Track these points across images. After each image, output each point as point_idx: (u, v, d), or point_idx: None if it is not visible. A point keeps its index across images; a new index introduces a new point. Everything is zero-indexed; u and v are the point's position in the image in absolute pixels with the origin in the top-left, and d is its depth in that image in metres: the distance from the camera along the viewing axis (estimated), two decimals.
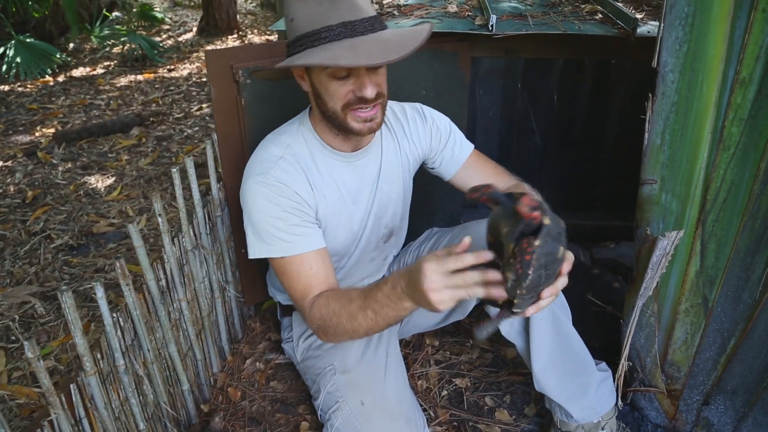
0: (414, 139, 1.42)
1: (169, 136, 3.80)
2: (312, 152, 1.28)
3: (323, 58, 1.04)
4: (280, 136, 1.30)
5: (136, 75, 5.28)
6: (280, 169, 1.23)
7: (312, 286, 1.20)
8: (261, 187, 1.20)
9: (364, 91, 1.11)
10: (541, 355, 1.34)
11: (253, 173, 1.23)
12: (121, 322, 1.17)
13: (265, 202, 1.20)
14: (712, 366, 1.30)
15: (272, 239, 1.20)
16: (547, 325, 1.32)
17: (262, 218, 1.20)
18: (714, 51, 1.06)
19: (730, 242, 1.17)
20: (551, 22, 1.73)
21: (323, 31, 1.07)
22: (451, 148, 1.44)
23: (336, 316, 1.12)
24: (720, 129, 1.11)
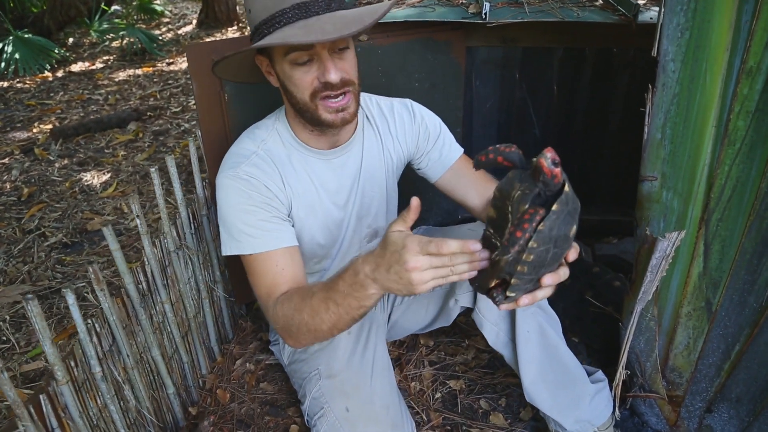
0: (399, 137, 1.36)
1: (166, 131, 3.76)
2: (287, 148, 1.23)
3: (273, 39, 1.00)
4: (256, 130, 1.25)
5: (135, 69, 5.23)
6: (252, 164, 1.18)
7: (277, 285, 1.13)
8: (231, 180, 1.16)
9: (328, 75, 1.06)
10: (531, 368, 1.29)
11: (224, 168, 1.19)
12: (97, 328, 1.12)
13: (234, 196, 1.15)
14: (716, 372, 1.24)
15: (240, 235, 1.15)
16: (535, 337, 1.28)
17: (231, 213, 1.15)
18: (718, 38, 0.99)
19: (735, 243, 1.10)
20: (548, 9, 1.66)
21: (277, 15, 1.04)
22: (439, 150, 1.38)
23: (298, 312, 1.04)
24: (725, 122, 1.04)
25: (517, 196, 0.76)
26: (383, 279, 0.89)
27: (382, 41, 1.69)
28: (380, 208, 1.39)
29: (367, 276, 0.91)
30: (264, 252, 1.14)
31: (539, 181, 0.74)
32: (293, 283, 1.14)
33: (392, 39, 1.71)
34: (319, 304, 1.00)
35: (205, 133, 1.55)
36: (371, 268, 0.91)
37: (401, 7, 1.75)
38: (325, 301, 1.00)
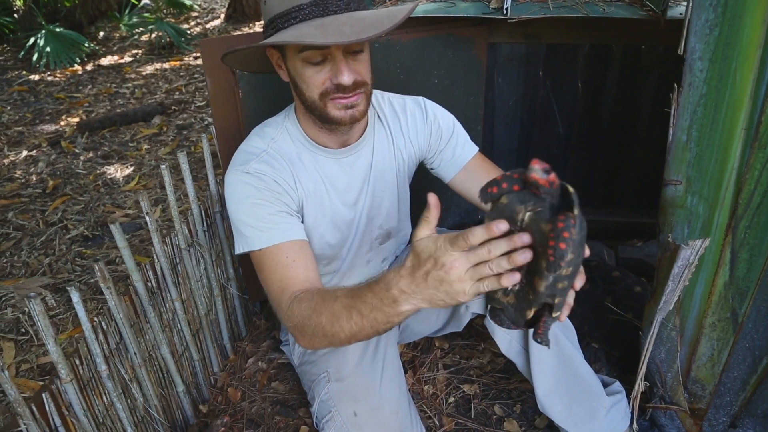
0: (411, 136, 1.32)
1: (189, 125, 3.79)
2: (297, 147, 1.21)
3: (287, 36, 0.97)
4: (265, 128, 1.23)
5: (162, 63, 5.30)
6: (262, 161, 1.16)
7: (290, 279, 1.08)
8: (239, 176, 1.14)
9: (341, 77, 1.03)
10: (545, 380, 1.25)
11: (233, 165, 1.17)
12: (103, 326, 1.12)
13: (243, 190, 1.13)
14: (741, 386, 1.18)
15: (248, 229, 1.12)
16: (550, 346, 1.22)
17: (239, 209, 1.13)
18: (750, 35, 0.93)
19: (764, 251, 1.04)
20: (573, 5, 1.59)
21: (294, 10, 1.00)
22: (452, 149, 1.33)
23: (317, 314, 0.97)
24: (756, 125, 0.98)
25: (529, 217, 0.71)
26: (422, 291, 0.81)
27: (401, 37, 1.66)
28: (392, 208, 1.36)
29: (403, 291, 0.83)
30: (273, 245, 1.10)
31: (542, 194, 0.70)
32: (306, 278, 1.09)
33: (412, 35, 1.67)
34: (341, 311, 0.93)
35: (219, 129, 1.55)
36: (406, 282, 0.83)
37: (421, 2, 1.71)
38: (348, 309, 0.92)
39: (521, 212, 0.71)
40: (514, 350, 1.27)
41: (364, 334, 0.94)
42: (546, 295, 0.73)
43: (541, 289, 0.71)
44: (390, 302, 0.86)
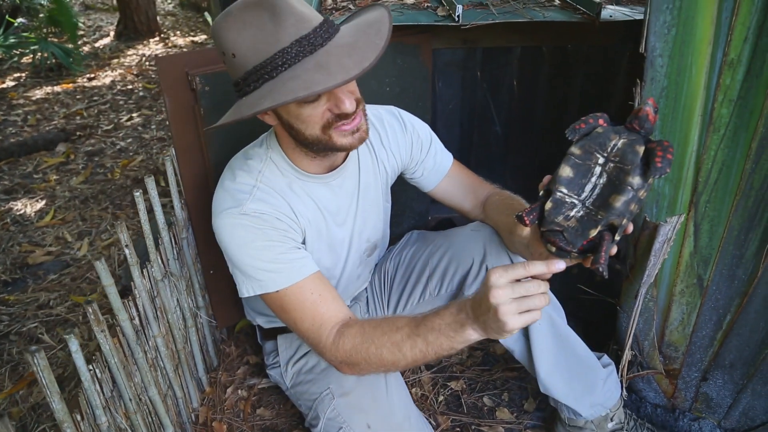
0: (393, 148, 1.34)
1: (100, 151, 3.53)
2: (286, 177, 1.17)
3: (295, 89, 0.90)
4: (248, 161, 1.16)
5: (52, 86, 4.87)
6: (257, 199, 1.10)
7: (323, 314, 1.08)
8: (236, 219, 1.08)
9: (343, 107, 0.99)
10: (545, 359, 1.32)
11: (224, 207, 1.10)
12: (98, 374, 1.03)
13: (244, 234, 1.08)
14: (709, 343, 1.32)
15: (260, 273, 1.08)
16: (546, 328, 1.31)
17: (244, 252, 1.08)
18: (702, 34, 1.06)
19: (723, 222, 1.18)
20: (514, 10, 1.70)
21: (277, 56, 0.93)
22: (433, 158, 1.37)
23: (375, 346, 1.01)
24: (710, 111, 1.11)
25: (623, 143, 0.85)
26: (481, 320, 0.90)
27: None
28: (377, 221, 1.37)
29: (469, 317, 0.91)
30: (293, 285, 1.08)
31: (640, 129, 0.85)
32: (337, 308, 1.09)
33: None
34: (405, 340, 0.98)
35: (179, 150, 1.47)
36: (472, 307, 0.91)
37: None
38: (412, 338, 0.97)
39: (615, 139, 0.85)
40: (512, 337, 1.33)
41: (425, 359, 1.01)
42: (618, 213, 0.82)
43: (618, 204, 0.81)
44: (458, 326, 0.94)
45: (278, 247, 1.09)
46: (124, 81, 5.00)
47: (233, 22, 0.94)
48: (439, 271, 1.39)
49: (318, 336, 1.08)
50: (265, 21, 0.93)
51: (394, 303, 1.49)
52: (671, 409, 1.46)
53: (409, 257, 1.51)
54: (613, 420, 1.33)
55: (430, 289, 1.41)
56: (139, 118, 4.07)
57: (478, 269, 1.33)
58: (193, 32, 6.95)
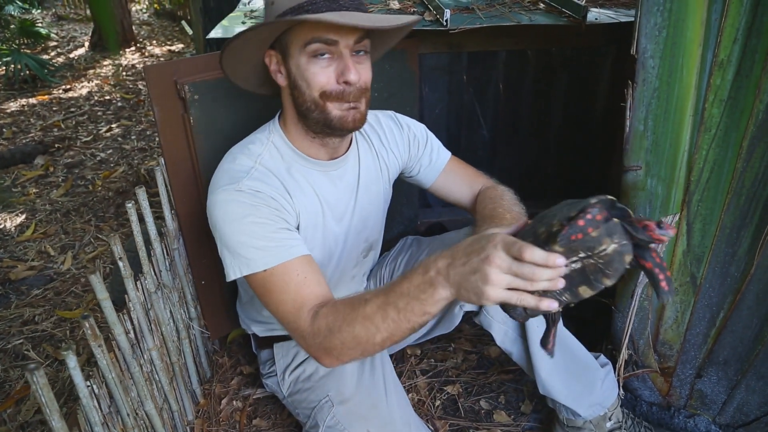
0: (392, 147, 1.34)
1: (80, 162, 3.46)
2: (285, 161, 1.16)
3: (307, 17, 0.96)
4: (249, 145, 1.16)
5: (27, 98, 4.77)
6: (253, 178, 1.09)
7: (305, 296, 1.02)
8: (230, 194, 1.06)
9: (348, 74, 1.01)
10: (544, 362, 1.32)
11: (219, 184, 1.09)
12: (96, 390, 1.00)
13: (238, 210, 1.05)
14: (703, 340, 1.34)
15: (249, 250, 1.03)
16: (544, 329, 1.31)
17: (235, 229, 1.04)
18: (692, 35, 1.08)
19: (715, 220, 1.20)
20: (501, 14, 1.72)
21: (305, 3, 0.99)
22: (429, 155, 1.38)
23: (347, 324, 0.93)
24: (701, 111, 1.13)
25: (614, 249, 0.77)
26: (457, 274, 0.81)
27: None
28: (376, 221, 1.36)
29: (439, 272, 0.83)
30: (280, 264, 1.03)
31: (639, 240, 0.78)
32: (321, 292, 1.04)
33: None
34: (375, 312, 0.90)
35: (169, 161, 1.44)
36: (445, 262, 0.83)
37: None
38: (383, 308, 0.90)
39: (606, 244, 0.77)
40: (510, 340, 1.34)
41: (400, 333, 0.91)
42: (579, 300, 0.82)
43: (585, 296, 0.81)
44: (427, 286, 0.85)
45: (270, 225, 1.06)
46: (102, 91, 4.93)
47: None
48: None
49: (297, 319, 1.02)
50: None
51: None
52: (666, 406, 1.47)
53: (404, 263, 1.51)
54: (611, 419, 1.34)
55: None
56: (118, 129, 4.01)
57: None
58: (170, 41, 6.88)
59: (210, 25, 2.81)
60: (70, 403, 1.69)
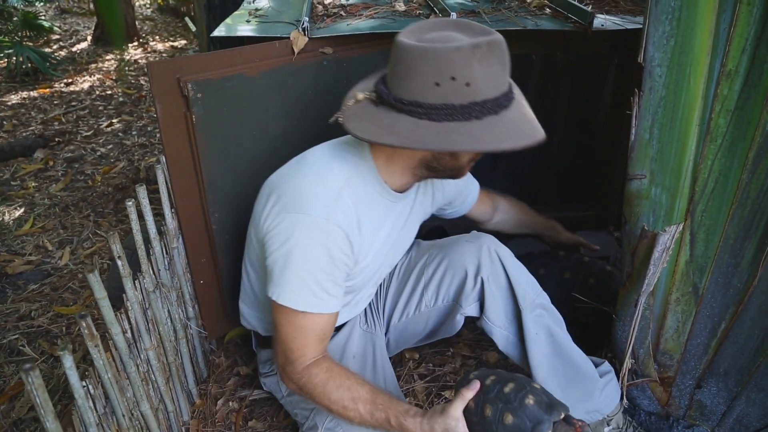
0: (444, 185, 1.41)
1: (80, 157, 3.44)
2: (368, 193, 1.17)
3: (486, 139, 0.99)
4: (335, 164, 1.16)
5: (28, 91, 4.76)
6: (341, 210, 1.10)
7: (314, 348, 1.13)
8: (320, 232, 1.08)
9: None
10: (541, 368, 1.32)
11: (311, 209, 1.09)
12: (91, 390, 0.99)
13: (318, 249, 1.08)
14: (704, 351, 1.33)
15: (303, 291, 1.09)
16: (543, 337, 1.32)
17: (306, 265, 1.08)
18: (701, 44, 1.07)
19: (719, 231, 1.19)
20: (506, 18, 1.71)
21: (502, 99, 1.03)
22: (466, 194, 1.51)
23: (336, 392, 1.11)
24: (707, 121, 1.12)
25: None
26: None
27: (347, 54, 1.66)
28: (403, 252, 1.41)
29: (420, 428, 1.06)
30: (316, 314, 1.11)
31: None
32: (323, 347, 1.16)
33: (357, 51, 1.68)
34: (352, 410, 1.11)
35: (170, 159, 1.43)
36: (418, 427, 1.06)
37: (361, 19, 1.73)
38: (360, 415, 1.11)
39: None
40: (511, 343, 1.34)
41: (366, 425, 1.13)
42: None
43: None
44: (397, 426, 1.08)
45: (335, 273, 1.11)
46: (103, 86, 4.91)
47: (477, 54, 0.97)
48: (434, 283, 1.39)
49: (294, 359, 1.13)
50: (495, 64, 1.01)
51: (389, 314, 1.48)
52: (665, 416, 1.46)
53: (404, 267, 1.50)
54: (610, 424, 1.34)
55: (426, 301, 1.41)
56: (119, 124, 3.99)
57: (474, 282, 1.33)
58: (173, 37, 6.86)
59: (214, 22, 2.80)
60: (64, 400, 1.68)
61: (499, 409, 1.08)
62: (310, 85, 1.61)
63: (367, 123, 1.05)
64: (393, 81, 1.05)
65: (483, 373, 1.18)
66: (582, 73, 2.09)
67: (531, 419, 1.06)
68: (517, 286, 1.30)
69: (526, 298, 1.30)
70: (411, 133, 1.00)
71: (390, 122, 1.02)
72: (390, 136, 1.01)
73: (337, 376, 1.12)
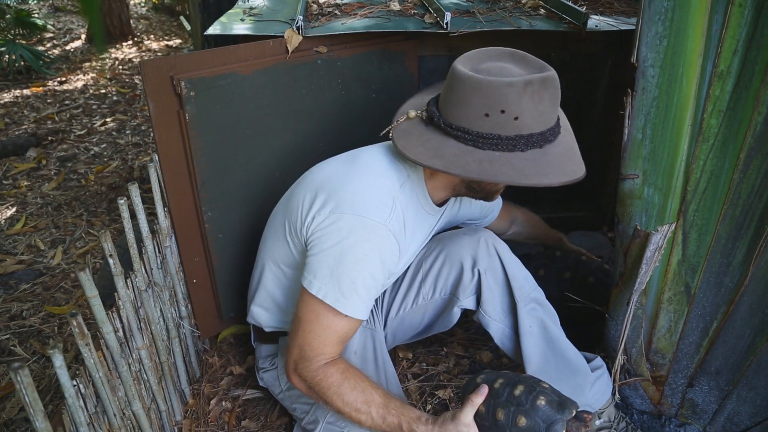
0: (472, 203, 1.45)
1: (73, 156, 3.42)
2: (414, 206, 1.21)
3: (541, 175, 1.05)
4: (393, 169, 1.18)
5: (21, 89, 4.73)
6: (396, 218, 1.13)
7: (334, 349, 1.14)
8: (378, 237, 1.09)
9: None
10: (533, 361, 1.33)
11: (371, 213, 1.10)
12: (82, 389, 0.98)
13: (374, 254, 1.09)
14: (695, 350, 1.34)
15: (351, 294, 1.09)
16: (537, 331, 1.33)
17: (360, 269, 1.09)
18: (693, 45, 1.07)
19: (711, 230, 1.20)
20: (501, 19, 1.71)
21: (547, 133, 1.07)
22: (491, 208, 1.55)
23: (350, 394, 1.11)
24: (699, 121, 1.13)
25: None
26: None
27: (341, 53, 1.66)
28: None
29: None
30: (352, 317, 1.12)
31: None
32: (341, 348, 1.17)
33: (351, 51, 1.68)
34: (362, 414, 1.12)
35: (163, 158, 1.43)
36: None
37: (356, 18, 1.73)
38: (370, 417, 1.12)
39: None
40: (507, 336, 1.35)
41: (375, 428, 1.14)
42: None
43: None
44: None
45: (381, 281, 1.14)
46: (97, 85, 4.89)
47: (528, 91, 1.03)
48: (432, 275, 1.39)
49: (311, 357, 1.13)
50: (546, 100, 1.06)
51: (387, 306, 1.48)
52: (657, 415, 1.47)
53: None
54: (601, 417, 1.35)
55: (424, 293, 1.42)
56: (113, 123, 3.97)
57: (471, 274, 1.33)
58: (168, 36, 6.84)
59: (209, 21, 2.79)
60: (56, 400, 1.67)
61: (512, 412, 1.09)
62: (304, 84, 1.61)
63: (416, 143, 1.09)
64: (445, 106, 1.09)
65: (489, 376, 1.18)
66: (576, 73, 2.10)
67: (544, 420, 1.07)
68: (513, 281, 1.31)
69: (522, 292, 1.31)
70: (456, 159, 1.04)
71: (437, 145, 1.07)
72: (436, 159, 1.05)
73: (353, 378, 1.13)
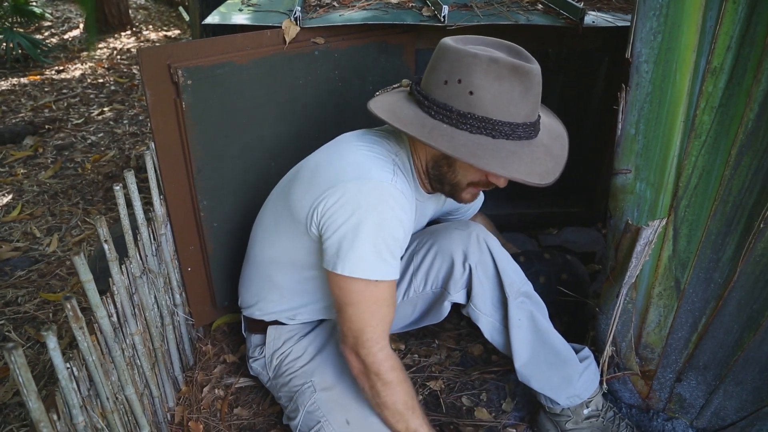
0: None
1: (70, 145, 3.42)
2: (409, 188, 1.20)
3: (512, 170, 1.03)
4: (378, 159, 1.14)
5: (19, 77, 4.71)
6: (399, 179, 1.10)
7: (390, 319, 1.13)
8: (387, 194, 1.05)
9: (500, 184, 1.13)
10: (522, 353, 1.34)
11: (373, 173, 1.06)
12: (75, 372, 0.99)
13: (388, 215, 1.05)
14: (684, 345, 1.35)
15: (376, 259, 1.07)
16: (526, 323, 1.34)
17: (377, 231, 1.04)
18: (687, 41, 1.08)
19: (701, 226, 1.21)
20: (498, 13, 1.72)
21: (506, 126, 1.03)
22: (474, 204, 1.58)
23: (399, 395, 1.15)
24: (692, 117, 1.14)
25: None
26: None
27: (338, 45, 1.66)
28: None
29: None
30: (391, 280, 1.10)
31: None
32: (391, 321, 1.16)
33: (348, 42, 1.68)
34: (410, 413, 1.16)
35: (159, 146, 1.43)
36: None
37: (354, 10, 1.73)
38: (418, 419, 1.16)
39: None
40: (497, 330, 1.37)
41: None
42: None
43: None
44: None
45: (402, 239, 1.11)
46: (94, 74, 4.87)
47: (493, 69, 1.00)
48: (423, 269, 1.40)
49: (372, 336, 1.11)
50: (516, 89, 1.02)
51: None
52: (646, 409, 1.48)
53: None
54: (589, 407, 1.37)
55: (415, 287, 1.43)
56: (110, 113, 3.97)
57: (462, 268, 1.34)
58: (166, 26, 6.81)
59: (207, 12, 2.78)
60: (50, 386, 1.68)
61: None
62: (300, 75, 1.61)
63: (384, 101, 1.11)
64: (424, 73, 1.12)
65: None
66: (573, 69, 2.11)
67: None
68: (504, 275, 1.32)
69: (513, 287, 1.32)
70: (405, 118, 1.03)
71: (400, 106, 1.07)
72: (386, 113, 1.05)
73: (406, 382, 1.18)
